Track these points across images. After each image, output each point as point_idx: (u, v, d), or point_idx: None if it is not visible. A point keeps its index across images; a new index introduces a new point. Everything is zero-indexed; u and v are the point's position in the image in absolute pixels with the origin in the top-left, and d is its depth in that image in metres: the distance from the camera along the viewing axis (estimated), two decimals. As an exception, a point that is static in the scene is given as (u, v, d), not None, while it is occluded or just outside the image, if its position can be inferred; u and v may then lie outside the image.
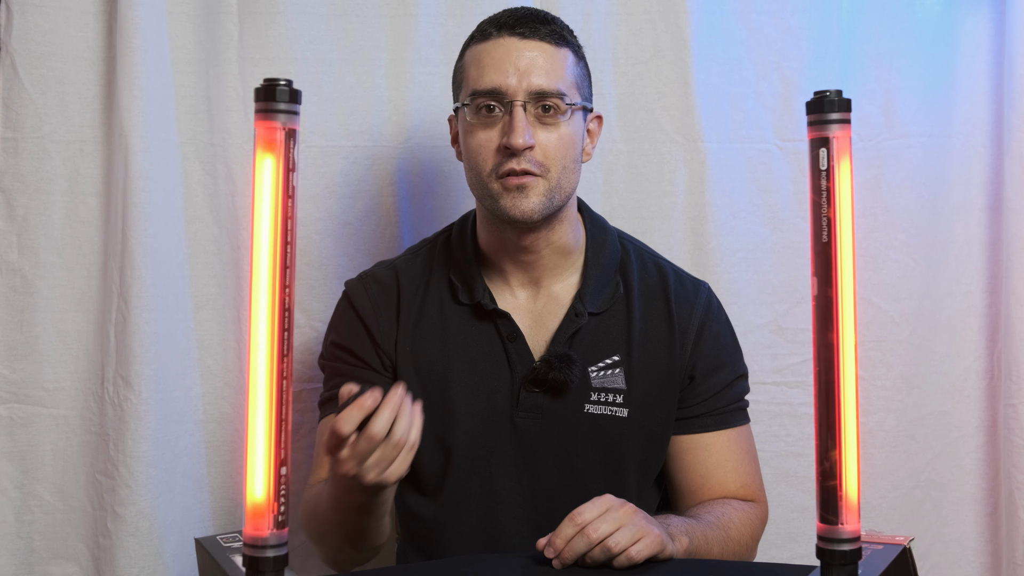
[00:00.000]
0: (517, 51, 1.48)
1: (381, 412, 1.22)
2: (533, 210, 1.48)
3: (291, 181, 1.03)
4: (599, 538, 1.28)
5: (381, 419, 1.22)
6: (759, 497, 1.60)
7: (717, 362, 1.59)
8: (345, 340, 1.58)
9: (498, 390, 1.54)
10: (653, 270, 1.61)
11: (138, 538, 1.74)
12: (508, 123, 1.46)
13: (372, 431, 1.21)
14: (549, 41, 1.49)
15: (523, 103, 1.46)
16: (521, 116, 1.46)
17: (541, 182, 1.47)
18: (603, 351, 1.55)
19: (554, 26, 1.51)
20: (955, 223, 1.97)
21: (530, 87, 1.47)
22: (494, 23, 1.51)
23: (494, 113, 1.48)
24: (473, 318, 1.56)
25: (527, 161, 1.46)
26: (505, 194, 1.48)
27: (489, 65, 1.48)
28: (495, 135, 1.48)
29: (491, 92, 1.47)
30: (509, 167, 1.46)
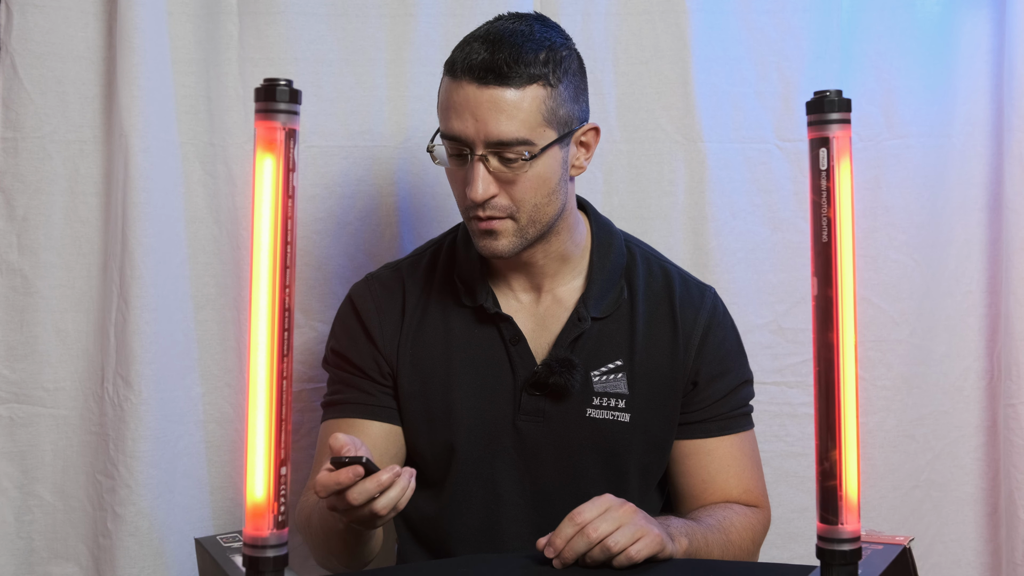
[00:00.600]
0: (475, 99, 1.41)
1: (387, 493, 1.23)
2: (504, 250, 1.47)
3: (291, 181, 1.03)
4: (599, 537, 1.28)
5: (386, 498, 1.23)
6: (762, 503, 1.60)
7: (721, 368, 1.58)
8: (344, 348, 1.58)
9: (500, 393, 1.54)
10: (659, 274, 1.59)
11: (138, 538, 1.74)
12: (468, 173, 1.45)
13: (376, 507, 1.23)
14: (513, 85, 1.40)
15: (482, 155, 1.43)
16: (479, 170, 1.43)
17: (510, 224, 1.46)
18: (606, 356, 1.54)
19: (518, 66, 1.40)
20: (955, 223, 1.97)
21: (488, 137, 1.42)
22: (462, 60, 1.43)
23: (461, 157, 1.46)
24: (476, 321, 1.56)
25: (491, 208, 1.45)
26: (477, 234, 1.48)
27: (451, 110, 1.44)
28: (463, 178, 1.46)
29: (452, 138, 1.45)
30: (476, 213, 1.46)
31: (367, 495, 1.22)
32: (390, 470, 1.22)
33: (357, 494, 1.22)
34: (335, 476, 1.22)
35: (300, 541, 1.85)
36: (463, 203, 1.48)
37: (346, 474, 1.21)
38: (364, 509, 1.23)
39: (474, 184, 1.43)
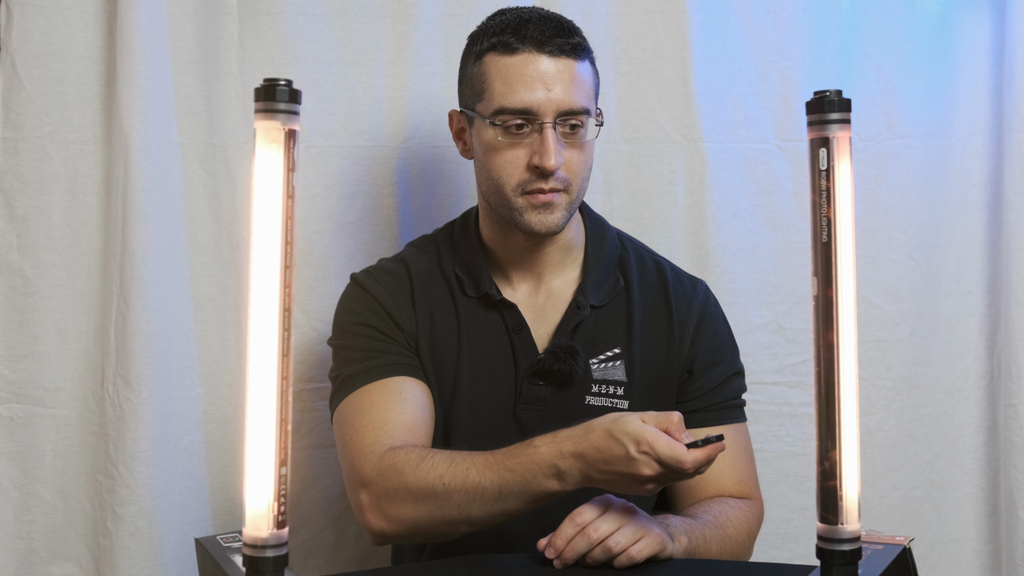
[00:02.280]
0: (545, 69, 1.47)
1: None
2: (558, 224, 1.50)
3: (291, 181, 1.03)
4: (599, 538, 1.29)
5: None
6: (755, 495, 1.61)
7: (715, 357, 1.60)
8: (368, 320, 1.56)
9: (502, 381, 1.55)
10: (652, 266, 1.63)
11: (138, 538, 1.74)
12: (539, 143, 1.47)
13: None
14: (573, 56, 1.49)
15: (553, 123, 1.47)
16: (552, 138, 1.47)
17: (564, 197, 1.50)
18: (604, 344, 1.56)
19: (576, 38, 1.50)
20: (955, 223, 1.98)
21: (560, 107, 1.47)
22: (518, 35, 1.48)
23: (523, 131, 1.48)
24: (481, 309, 1.57)
25: (555, 179, 1.48)
26: (530, 210, 1.49)
27: (518, 82, 1.47)
28: (523, 153, 1.48)
29: (521, 111, 1.47)
30: (538, 186, 1.48)
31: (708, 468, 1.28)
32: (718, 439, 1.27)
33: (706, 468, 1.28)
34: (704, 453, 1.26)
35: (300, 541, 1.85)
36: (515, 179, 1.49)
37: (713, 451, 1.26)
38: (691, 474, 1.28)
39: (550, 152, 1.46)
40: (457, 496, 1.36)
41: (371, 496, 1.42)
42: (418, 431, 1.49)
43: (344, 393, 1.53)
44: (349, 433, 1.49)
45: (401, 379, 1.52)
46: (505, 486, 1.34)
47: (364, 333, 1.55)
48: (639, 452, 1.26)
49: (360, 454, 1.45)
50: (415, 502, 1.39)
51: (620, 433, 1.27)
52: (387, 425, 1.47)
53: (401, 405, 1.50)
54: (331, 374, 1.59)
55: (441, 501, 1.37)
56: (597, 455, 1.28)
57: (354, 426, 1.49)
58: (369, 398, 1.50)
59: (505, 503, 1.35)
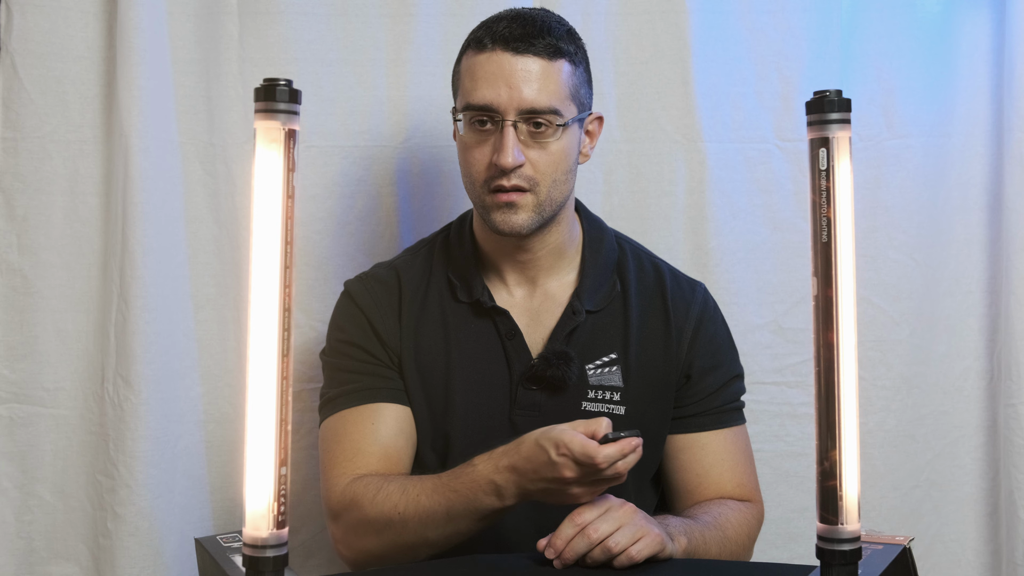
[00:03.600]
0: (510, 67, 1.46)
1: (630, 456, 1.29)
2: (522, 225, 1.49)
3: (291, 181, 1.03)
4: (599, 538, 1.29)
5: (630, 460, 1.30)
6: (755, 497, 1.61)
7: (714, 361, 1.59)
8: (352, 337, 1.58)
9: (496, 387, 1.54)
10: (650, 269, 1.62)
11: (138, 538, 1.74)
12: (498, 140, 1.47)
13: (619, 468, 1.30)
14: (544, 55, 1.47)
15: (513, 121, 1.46)
16: (511, 135, 1.46)
17: (530, 197, 1.48)
18: (600, 349, 1.55)
19: (550, 38, 1.48)
20: (955, 223, 1.97)
21: (521, 105, 1.46)
22: (490, 33, 1.49)
23: (486, 127, 1.48)
24: (472, 316, 1.56)
25: (517, 177, 1.47)
26: (495, 209, 1.49)
27: (482, 79, 1.47)
28: (487, 149, 1.48)
29: (483, 107, 1.47)
30: (499, 183, 1.47)
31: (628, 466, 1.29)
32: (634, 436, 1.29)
33: (623, 465, 1.28)
34: (617, 448, 1.27)
35: (300, 541, 1.85)
36: (482, 176, 1.49)
37: (628, 444, 1.28)
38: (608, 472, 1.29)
39: (506, 149, 1.45)
40: (412, 523, 1.41)
41: (338, 529, 1.49)
42: (389, 460, 1.51)
43: (325, 415, 1.57)
44: (324, 460, 1.55)
45: (377, 406, 1.54)
46: (452, 507, 1.38)
47: (347, 352, 1.57)
48: (559, 455, 1.29)
49: (328, 485, 1.51)
50: (376, 533, 1.44)
51: (544, 440, 1.30)
52: (357, 456, 1.50)
53: (374, 435, 1.52)
54: (320, 390, 1.61)
55: (399, 529, 1.42)
56: (527, 465, 1.32)
57: (328, 454, 1.54)
58: (344, 425, 1.54)
59: (455, 524, 1.39)
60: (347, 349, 1.58)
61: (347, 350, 1.58)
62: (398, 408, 1.55)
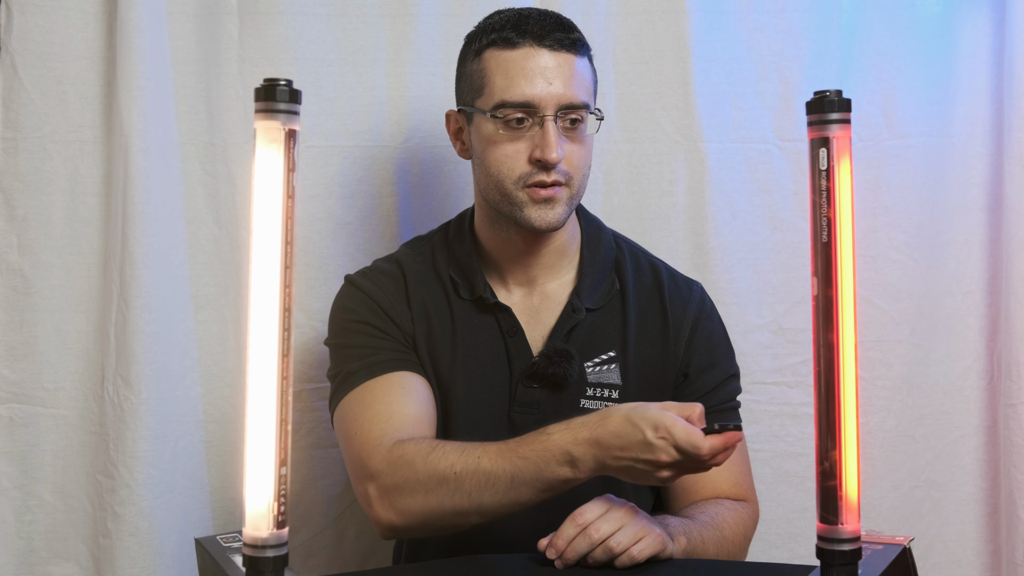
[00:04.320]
0: (546, 63, 1.48)
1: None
2: (559, 220, 1.50)
3: (291, 181, 1.03)
4: (601, 538, 1.29)
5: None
6: (751, 497, 1.61)
7: (710, 360, 1.60)
8: (365, 317, 1.55)
9: (496, 384, 1.55)
10: (647, 268, 1.62)
11: (138, 538, 1.74)
12: (540, 136, 1.47)
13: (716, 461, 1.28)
14: (572, 51, 1.50)
15: (554, 116, 1.47)
16: (554, 130, 1.47)
17: (565, 192, 1.50)
18: (599, 347, 1.56)
19: (575, 33, 1.52)
20: (955, 223, 1.98)
21: (560, 100, 1.47)
22: (517, 30, 1.49)
23: (523, 124, 1.48)
24: (476, 312, 1.57)
25: (557, 172, 1.48)
26: (531, 205, 1.49)
27: (519, 76, 1.48)
28: (523, 146, 1.48)
29: (522, 104, 1.47)
30: (539, 179, 1.48)
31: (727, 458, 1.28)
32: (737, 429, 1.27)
33: (723, 457, 1.27)
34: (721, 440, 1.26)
35: (300, 541, 1.85)
36: (517, 172, 1.49)
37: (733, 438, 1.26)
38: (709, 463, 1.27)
39: (551, 144, 1.46)
40: (469, 485, 1.35)
41: (379, 489, 1.41)
42: (423, 424, 1.49)
43: (345, 390, 1.52)
44: (353, 428, 1.48)
45: (403, 374, 1.52)
46: (517, 474, 1.33)
47: (362, 331, 1.55)
48: (657, 438, 1.25)
49: (367, 447, 1.44)
50: (426, 492, 1.38)
51: (638, 418, 1.27)
52: (393, 418, 1.46)
53: (405, 398, 1.49)
54: (329, 373, 1.59)
55: (453, 490, 1.36)
56: (614, 440, 1.28)
57: (358, 420, 1.48)
58: (372, 393, 1.49)
59: (517, 491, 1.34)
60: (361, 327, 1.55)
61: (361, 328, 1.55)
62: (423, 379, 1.54)
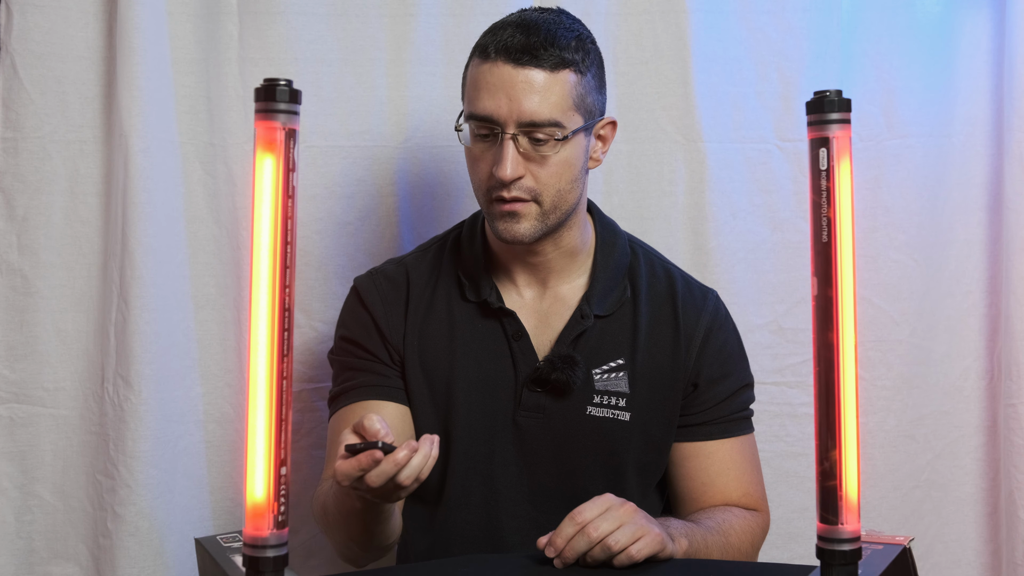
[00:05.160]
0: (510, 79, 1.44)
1: (409, 465, 1.23)
2: (525, 234, 1.48)
3: (291, 181, 1.03)
4: (599, 537, 1.28)
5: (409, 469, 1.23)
6: (761, 506, 1.60)
7: (723, 370, 1.58)
8: (354, 335, 1.58)
9: (501, 388, 1.54)
10: (662, 275, 1.60)
11: (138, 538, 1.74)
12: (498, 152, 1.45)
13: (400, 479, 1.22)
14: (547, 67, 1.44)
15: (513, 134, 1.44)
16: (509, 148, 1.44)
17: (533, 207, 1.47)
18: (608, 354, 1.55)
19: (553, 48, 1.44)
20: (955, 223, 1.98)
21: (520, 118, 1.43)
22: (495, 42, 1.46)
23: (488, 138, 1.47)
24: (479, 316, 1.56)
25: (517, 189, 1.45)
26: (498, 217, 1.48)
27: (483, 89, 1.45)
28: (489, 159, 1.47)
29: (483, 118, 1.46)
30: (499, 194, 1.46)
31: (385, 477, 1.22)
32: (406, 446, 1.22)
33: (375, 477, 1.22)
34: (354, 463, 1.22)
35: (300, 541, 1.85)
36: (484, 185, 1.48)
37: (366, 459, 1.22)
38: (388, 485, 1.23)
39: (503, 162, 1.44)
40: (333, 519, 1.45)
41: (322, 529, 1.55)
42: None
43: (330, 413, 1.59)
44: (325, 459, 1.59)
45: (369, 403, 1.54)
46: (340, 505, 1.41)
47: (348, 351, 1.58)
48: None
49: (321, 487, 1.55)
50: (326, 531, 1.53)
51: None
52: (332, 459, 1.51)
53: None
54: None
55: (332, 526, 1.48)
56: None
57: (327, 453, 1.58)
58: (338, 423, 1.56)
59: (349, 524, 1.42)
60: (347, 347, 1.58)
61: (348, 347, 1.58)
62: (393, 406, 1.55)
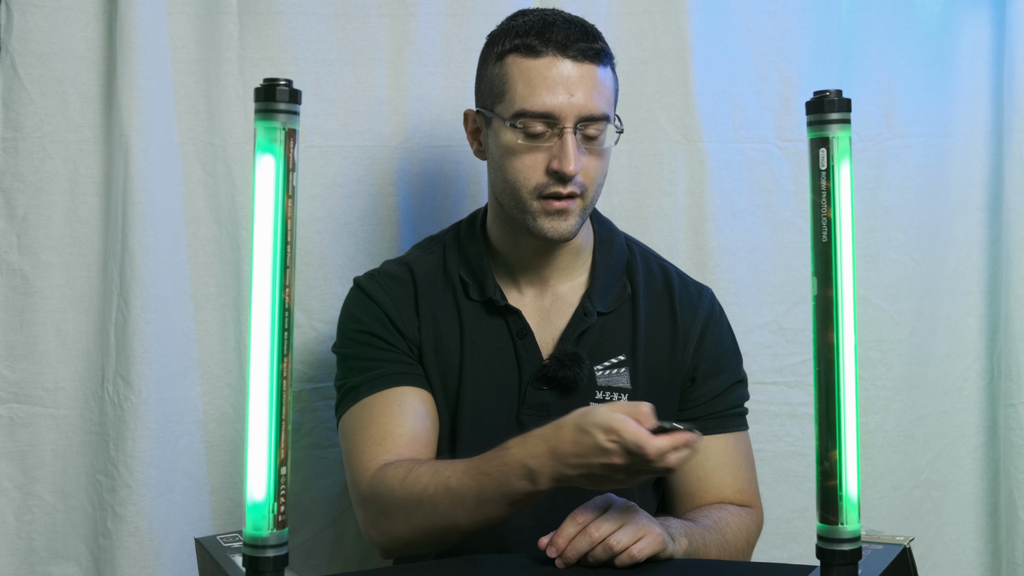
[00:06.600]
0: (569, 73, 1.46)
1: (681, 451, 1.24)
2: (570, 231, 1.50)
3: (291, 181, 1.03)
4: (601, 536, 1.29)
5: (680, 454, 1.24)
6: (755, 503, 1.61)
7: (718, 366, 1.59)
8: (370, 327, 1.56)
9: (506, 387, 1.55)
10: (658, 273, 1.62)
11: (138, 538, 1.74)
12: (559, 148, 1.46)
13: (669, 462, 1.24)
14: (595, 61, 1.47)
15: (574, 128, 1.46)
16: (573, 143, 1.45)
17: (579, 203, 1.49)
18: (609, 350, 1.55)
19: (600, 43, 1.49)
20: (955, 223, 1.98)
21: (581, 112, 1.46)
22: (542, 38, 1.47)
23: (543, 135, 1.47)
24: (485, 314, 1.56)
25: (573, 184, 1.47)
26: (544, 215, 1.48)
27: (540, 85, 1.46)
28: (541, 157, 1.47)
29: (543, 115, 1.46)
30: (555, 190, 1.47)
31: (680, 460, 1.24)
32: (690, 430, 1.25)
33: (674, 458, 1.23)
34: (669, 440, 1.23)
35: (300, 541, 1.85)
36: (532, 183, 1.48)
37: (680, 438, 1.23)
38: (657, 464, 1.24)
39: (570, 157, 1.45)
40: (442, 506, 1.37)
41: (367, 514, 1.46)
42: (418, 442, 1.50)
43: (347, 404, 1.54)
44: (350, 448, 1.52)
45: (402, 389, 1.52)
46: (482, 491, 1.34)
47: (366, 341, 1.56)
48: (608, 440, 1.24)
49: (358, 472, 1.48)
50: (406, 517, 1.41)
51: (589, 424, 1.26)
52: (385, 440, 1.48)
53: (401, 417, 1.50)
54: (336, 382, 1.59)
55: (428, 512, 1.38)
56: (568, 449, 1.27)
57: (355, 441, 1.51)
58: (370, 411, 1.51)
59: (485, 508, 1.35)
60: (365, 338, 1.56)
61: (366, 339, 1.56)
62: (423, 393, 1.54)
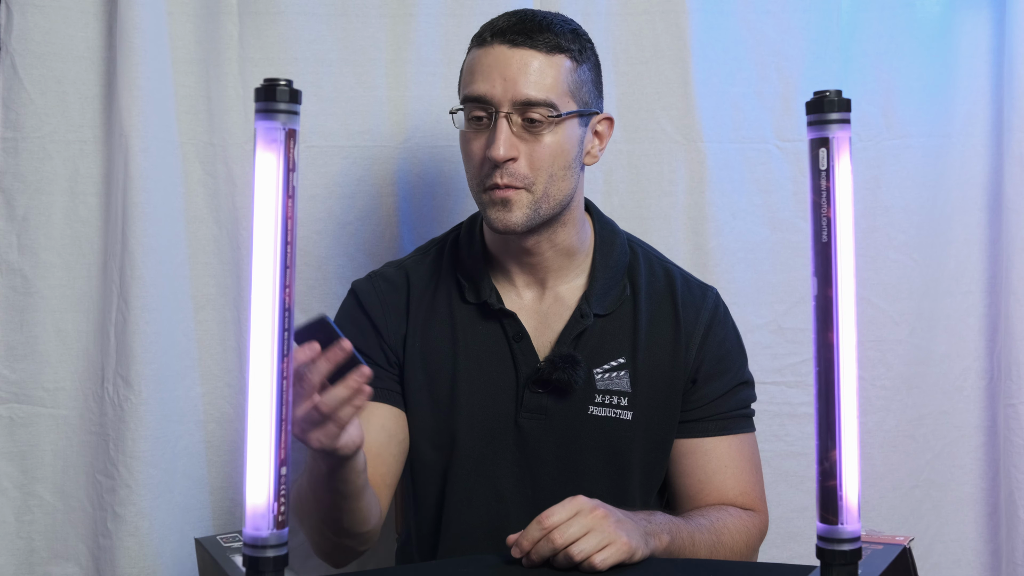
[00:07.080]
0: (505, 59, 1.45)
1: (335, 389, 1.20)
2: (517, 223, 1.47)
3: (291, 181, 1.03)
4: (564, 543, 1.26)
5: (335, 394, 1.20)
6: (759, 507, 1.59)
7: (721, 366, 1.58)
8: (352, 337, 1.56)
9: (503, 390, 1.54)
10: (661, 274, 1.60)
11: (138, 538, 1.74)
12: (491, 133, 1.45)
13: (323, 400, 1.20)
14: (542, 49, 1.45)
15: (507, 113, 1.44)
16: (503, 127, 1.44)
17: (525, 195, 1.46)
18: (609, 353, 1.54)
19: (549, 33, 1.46)
20: (955, 223, 1.98)
21: (515, 97, 1.44)
22: (491, 28, 1.48)
23: (482, 122, 1.47)
24: (480, 317, 1.56)
25: (509, 174, 1.45)
26: (491, 206, 1.47)
27: (478, 72, 1.47)
28: (482, 142, 1.47)
29: (478, 99, 1.46)
30: (493, 180, 1.46)
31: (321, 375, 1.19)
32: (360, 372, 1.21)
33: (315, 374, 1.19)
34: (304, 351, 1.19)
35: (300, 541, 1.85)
36: (479, 172, 1.48)
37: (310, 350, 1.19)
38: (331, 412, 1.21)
39: (497, 142, 1.44)
40: (305, 501, 1.41)
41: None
42: (378, 458, 1.50)
43: None
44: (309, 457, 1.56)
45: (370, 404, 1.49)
46: (311, 474, 1.36)
47: None
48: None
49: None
50: (302, 520, 1.46)
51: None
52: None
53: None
54: None
55: (305, 513, 1.43)
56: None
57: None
58: None
59: (317, 494, 1.36)
60: None
61: None
62: (386, 408, 1.54)
